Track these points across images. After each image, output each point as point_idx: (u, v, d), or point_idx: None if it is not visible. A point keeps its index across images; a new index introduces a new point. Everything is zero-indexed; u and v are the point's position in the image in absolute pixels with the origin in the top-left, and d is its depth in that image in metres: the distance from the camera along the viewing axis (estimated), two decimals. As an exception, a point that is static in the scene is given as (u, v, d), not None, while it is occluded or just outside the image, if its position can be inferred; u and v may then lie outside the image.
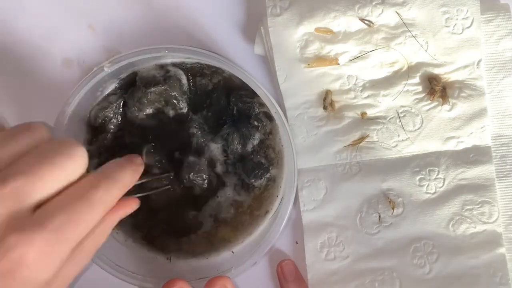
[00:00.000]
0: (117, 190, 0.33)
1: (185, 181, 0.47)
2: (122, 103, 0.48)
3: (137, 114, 0.48)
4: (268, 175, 0.48)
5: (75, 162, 0.31)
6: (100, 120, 0.48)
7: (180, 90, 0.47)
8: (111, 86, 0.48)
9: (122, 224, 0.49)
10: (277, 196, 0.49)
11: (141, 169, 0.37)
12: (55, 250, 0.28)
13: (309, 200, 0.48)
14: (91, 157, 0.43)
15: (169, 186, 0.47)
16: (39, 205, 0.29)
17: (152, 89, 0.47)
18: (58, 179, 0.30)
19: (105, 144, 0.48)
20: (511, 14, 0.46)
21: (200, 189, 0.48)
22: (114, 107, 0.48)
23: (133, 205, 0.36)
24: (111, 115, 0.48)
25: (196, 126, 0.48)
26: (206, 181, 0.48)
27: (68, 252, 0.29)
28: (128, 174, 0.35)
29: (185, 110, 0.48)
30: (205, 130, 0.48)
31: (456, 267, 0.46)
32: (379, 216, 0.47)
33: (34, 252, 0.27)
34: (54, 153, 0.30)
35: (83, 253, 0.31)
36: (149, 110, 0.48)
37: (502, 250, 0.46)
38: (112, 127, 0.48)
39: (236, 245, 0.49)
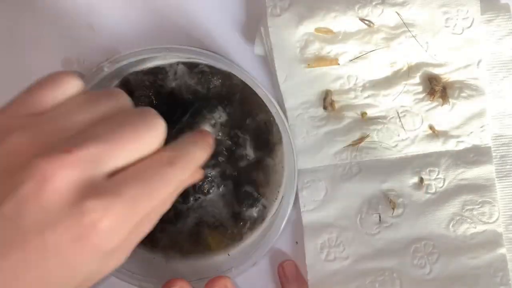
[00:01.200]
0: (191, 168, 0.32)
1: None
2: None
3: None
4: (259, 206, 0.48)
5: (155, 133, 0.30)
6: None
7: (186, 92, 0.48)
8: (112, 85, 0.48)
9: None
10: (277, 197, 0.49)
11: (212, 149, 0.35)
12: (127, 220, 0.27)
13: (309, 200, 0.48)
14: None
15: None
16: (113, 174, 0.28)
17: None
18: (137, 148, 0.29)
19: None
20: (511, 14, 0.46)
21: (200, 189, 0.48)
22: None
23: (199, 175, 0.34)
24: None
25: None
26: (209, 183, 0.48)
27: (136, 223, 0.28)
28: (201, 151, 0.33)
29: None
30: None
31: (456, 267, 0.46)
32: (380, 217, 0.47)
33: (108, 220, 0.26)
34: (136, 121, 0.29)
35: (146, 223, 0.30)
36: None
37: (502, 250, 0.46)
38: None
39: (236, 245, 0.49)
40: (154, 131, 0.30)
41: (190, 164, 0.32)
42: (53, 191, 0.25)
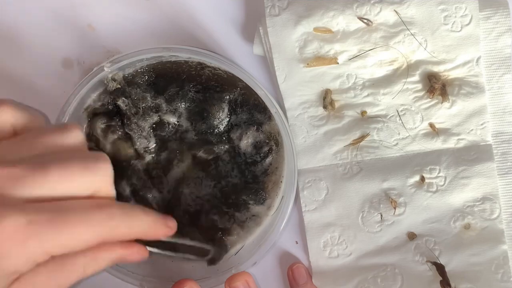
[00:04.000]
0: (124, 228, 0.30)
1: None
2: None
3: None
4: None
5: (92, 177, 0.30)
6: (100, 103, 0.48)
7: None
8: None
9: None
10: (277, 196, 0.49)
11: (167, 232, 0.34)
12: (28, 243, 0.27)
13: (311, 200, 0.48)
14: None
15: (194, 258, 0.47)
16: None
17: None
18: (65, 185, 0.29)
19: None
20: (510, 10, 0.46)
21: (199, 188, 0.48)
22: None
23: (138, 252, 0.33)
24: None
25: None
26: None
27: (43, 255, 0.27)
28: (148, 223, 0.32)
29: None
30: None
31: (457, 264, 0.46)
32: (381, 216, 0.47)
33: (3, 231, 0.26)
34: (73, 159, 0.29)
35: (70, 269, 0.29)
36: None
37: (504, 247, 0.46)
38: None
39: (236, 245, 0.49)
40: (91, 175, 0.29)
41: (126, 222, 0.30)
42: None
